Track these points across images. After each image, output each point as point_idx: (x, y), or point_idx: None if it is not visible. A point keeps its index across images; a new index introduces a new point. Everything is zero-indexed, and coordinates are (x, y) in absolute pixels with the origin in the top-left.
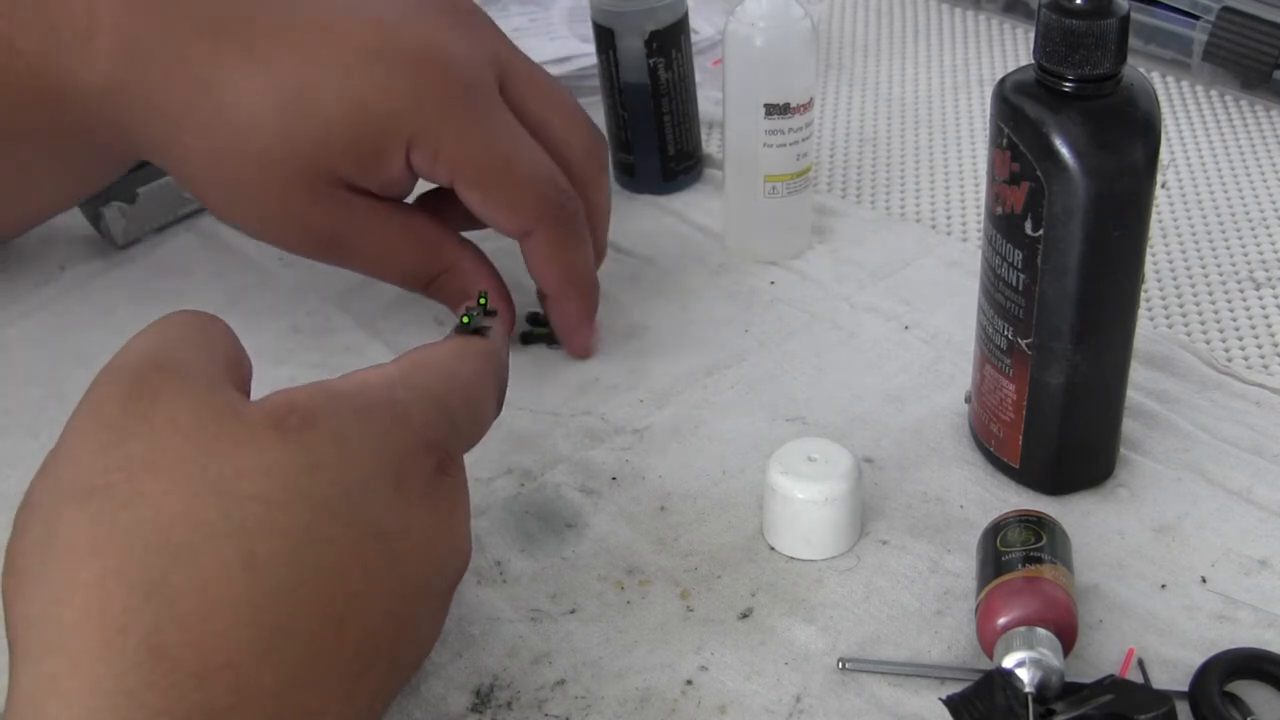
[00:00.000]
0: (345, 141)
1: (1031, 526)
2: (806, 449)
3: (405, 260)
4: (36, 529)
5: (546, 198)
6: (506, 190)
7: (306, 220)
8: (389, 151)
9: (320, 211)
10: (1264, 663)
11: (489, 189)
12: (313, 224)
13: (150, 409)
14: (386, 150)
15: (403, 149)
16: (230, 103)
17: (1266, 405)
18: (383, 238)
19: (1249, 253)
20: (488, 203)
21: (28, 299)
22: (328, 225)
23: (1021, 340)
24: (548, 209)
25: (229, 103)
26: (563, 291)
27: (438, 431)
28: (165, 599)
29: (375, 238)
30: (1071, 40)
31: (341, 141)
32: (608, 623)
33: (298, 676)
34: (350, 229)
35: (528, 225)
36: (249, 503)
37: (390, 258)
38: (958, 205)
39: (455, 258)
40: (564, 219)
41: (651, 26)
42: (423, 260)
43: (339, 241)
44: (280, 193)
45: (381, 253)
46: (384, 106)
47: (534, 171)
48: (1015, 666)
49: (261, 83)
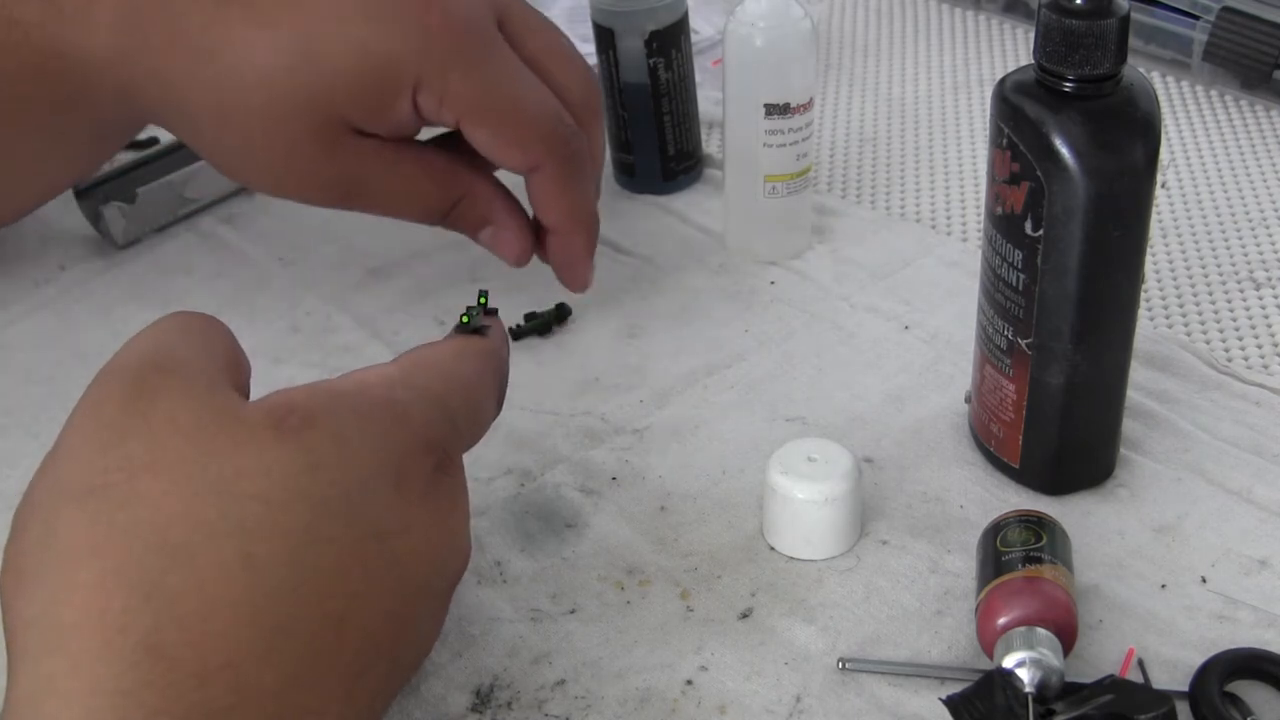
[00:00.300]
0: (352, 89)
1: (1031, 526)
2: (806, 449)
3: (421, 194)
4: (36, 529)
5: (554, 134)
6: (514, 128)
7: (320, 169)
8: (396, 96)
9: (332, 159)
10: (1264, 663)
11: (496, 127)
12: (326, 172)
13: (149, 409)
14: (393, 95)
15: (409, 92)
16: (236, 64)
17: (1266, 405)
18: (397, 176)
19: (1249, 253)
20: (495, 141)
21: (28, 299)
22: (341, 172)
23: (1021, 340)
24: (555, 145)
25: (234, 64)
26: (568, 226)
27: (438, 431)
28: (164, 599)
29: (389, 177)
30: (1071, 40)
31: (348, 89)
32: (608, 623)
33: (297, 676)
34: (364, 172)
35: (535, 161)
36: (248, 503)
37: (406, 194)
38: (958, 205)
39: (470, 183)
40: (570, 155)
41: (651, 26)
42: (438, 191)
43: (354, 186)
44: (291, 145)
45: (397, 191)
46: (388, 51)
47: (540, 109)
48: (1015, 666)
49: (266, 40)
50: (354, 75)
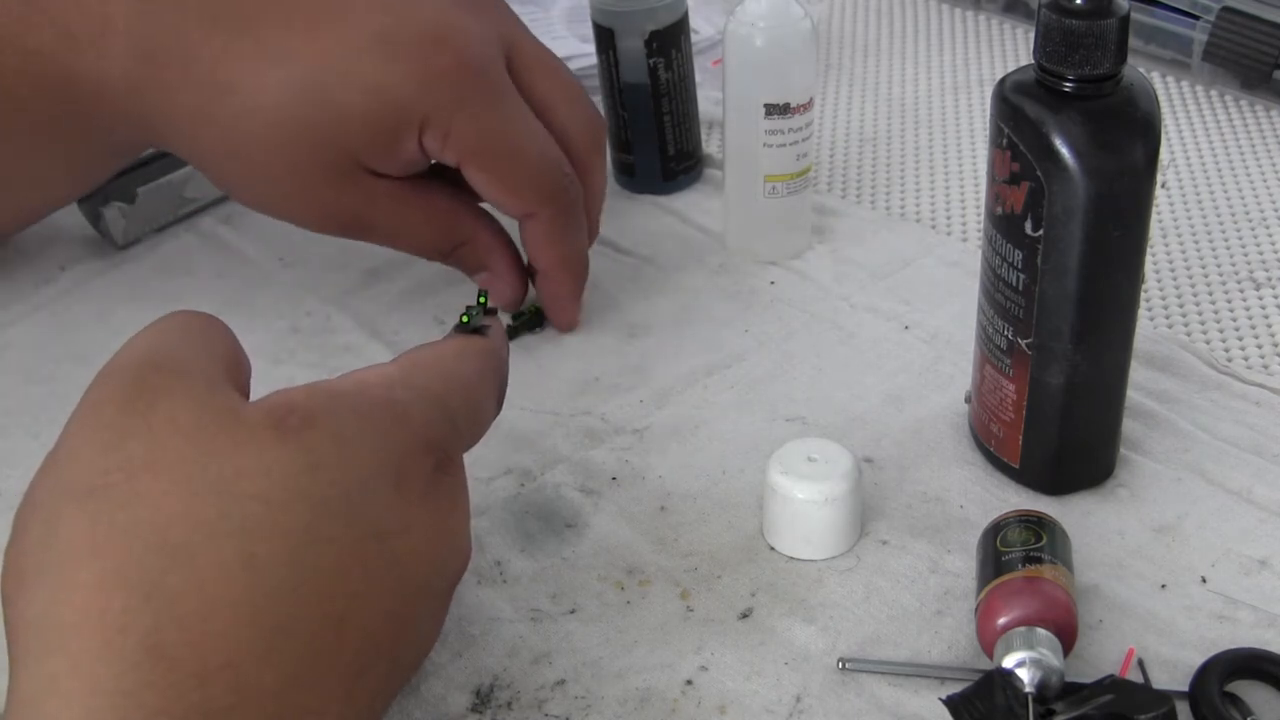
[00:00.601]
0: (361, 127)
1: (1031, 526)
2: (806, 449)
3: (425, 236)
4: (36, 529)
5: (550, 184)
6: (513, 175)
7: (327, 203)
8: (403, 135)
9: (341, 195)
10: (1264, 663)
11: (495, 173)
12: (334, 207)
13: (149, 409)
14: (401, 134)
15: (416, 131)
16: (247, 101)
17: (1266, 405)
18: (402, 216)
19: (1249, 253)
20: (493, 186)
21: (28, 299)
22: (349, 207)
23: (1021, 340)
24: (550, 195)
25: (246, 101)
26: (557, 273)
27: (437, 431)
28: (164, 599)
29: (395, 217)
30: (1071, 40)
31: (358, 127)
32: (608, 623)
33: (297, 676)
34: (370, 210)
35: (530, 209)
36: (248, 503)
37: (410, 234)
38: (958, 205)
39: (472, 230)
40: (565, 205)
41: (651, 26)
42: (441, 236)
43: (360, 221)
44: (302, 181)
45: (401, 230)
46: (397, 91)
47: (541, 158)
48: (1015, 666)
49: (278, 78)
50: (364, 115)
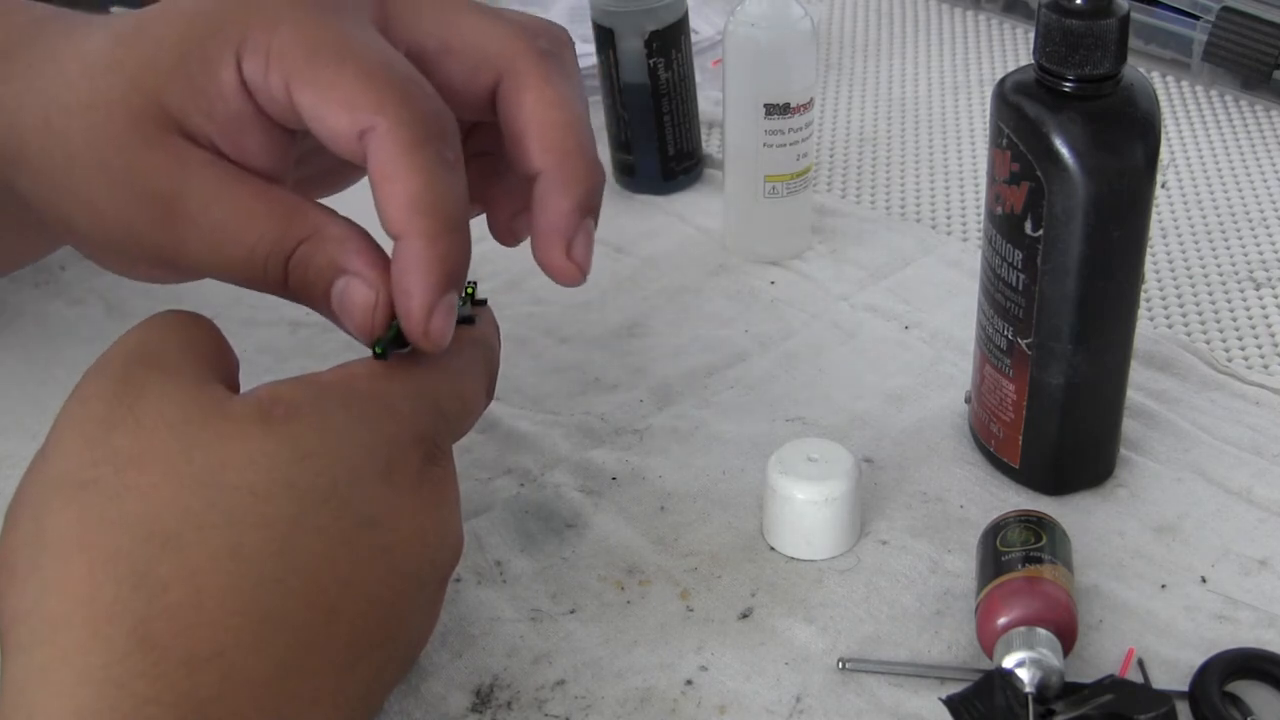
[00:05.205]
0: (172, 58)
1: (1031, 526)
2: (806, 449)
3: (255, 225)
4: (26, 524)
5: (393, 88)
6: (344, 82)
7: (134, 174)
8: (219, 63)
9: (149, 160)
10: (1264, 663)
11: (325, 81)
12: (141, 182)
13: (136, 403)
14: (216, 61)
15: (233, 54)
16: (65, 61)
17: (1266, 405)
18: (227, 199)
19: (1249, 253)
20: (321, 100)
21: (28, 299)
22: (162, 178)
23: (1021, 340)
24: (394, 101)
25: (64, 62)
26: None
27: (426, 422)
28: (153, 589)
29: (218, 200)
30: (1071, 40)
31: (168, 61)
32: (608, 623)
33: (288, 665)
34: (187, 186)
35: (366, 119)
36: (235, 493)
37: (238, 223)
38: (958, 205)
39: (318, 222)
40: (414, 116)
41: (651, 26)
42: (275, 226)
43: (175, 206)
44: (102, 145)
45: (228, 218)
46: (211, 11)
47: (381, 60)
48: (1015, 666)
49: (99, 31)
50: (174, 43)
